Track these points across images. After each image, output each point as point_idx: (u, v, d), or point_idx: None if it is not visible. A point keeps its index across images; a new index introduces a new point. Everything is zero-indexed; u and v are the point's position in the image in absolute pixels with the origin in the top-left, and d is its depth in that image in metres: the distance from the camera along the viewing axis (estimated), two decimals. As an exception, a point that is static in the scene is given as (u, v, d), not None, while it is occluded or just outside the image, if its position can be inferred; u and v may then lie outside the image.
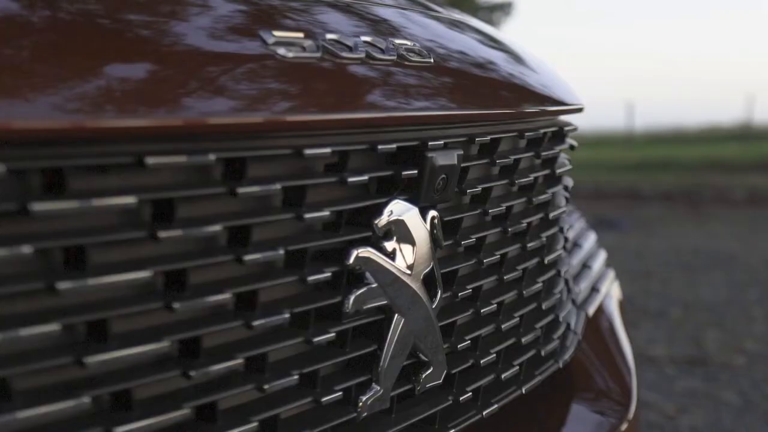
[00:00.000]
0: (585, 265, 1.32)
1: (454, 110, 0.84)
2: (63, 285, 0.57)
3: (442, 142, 0.83)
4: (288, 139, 0.70)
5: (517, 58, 1.08)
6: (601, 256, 1.43)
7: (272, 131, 0.68)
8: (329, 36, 0.79)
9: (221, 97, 0.64)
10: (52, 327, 0.56)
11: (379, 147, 0.76)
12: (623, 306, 1.42)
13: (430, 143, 0.81)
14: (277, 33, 0.74)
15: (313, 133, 0.71)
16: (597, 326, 1.26)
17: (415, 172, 0.80)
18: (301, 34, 0.76)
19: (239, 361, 0.67)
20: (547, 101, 1.01)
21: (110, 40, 0.61)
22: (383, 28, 0.90)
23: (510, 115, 0.93)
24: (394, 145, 0.78)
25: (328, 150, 0.72)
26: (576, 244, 1.33)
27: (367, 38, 0.83)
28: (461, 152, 0.85)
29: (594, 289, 1.32)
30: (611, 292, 1.40)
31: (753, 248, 6.90)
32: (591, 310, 1.26)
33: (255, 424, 0.68)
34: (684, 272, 5.81)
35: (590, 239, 1.41)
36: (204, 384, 0.66)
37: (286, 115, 0.68)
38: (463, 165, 0.86)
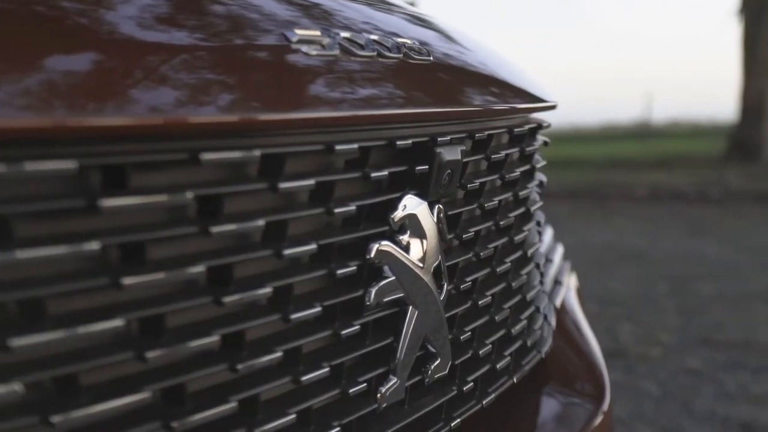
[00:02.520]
0: (547, 258, 1.38)
1: (458, 107, 0.88)
2: (127, 281, 0.58)
3: (448, 138, 0.87)
4: (321, 135, 0.72)
5: (496, 58, 1.13)
6: (560, 250, 1.50)
7: (307, 127, 0.71)
8: (342, 34, 0.81)
9: (260, 94, 0.67)
10: (117, 323, 0.58)
11: (398, 143, 0.80)
12: (581, 298, 1.49)
13: (438, 139, 0.85)
14: (299, 31, 0.76)
15: (341, 129, 0.74)
16: (563, 318, 1.32)
17: (426, 167, 0.84)
18: (317, 32, 0.79)
19: (279, 354, 0.69)
20: (530, 98, 1.07)
21: (164, 42, 0.63)
22: (380, 26, 0.93)
23: (503, 111, 0.98)
24: (410, 141, 0.81)
25: (355, 146, 0.75)
26: (538, 238, 1.39)
27: (374, 36, 0.86)
28: (464, 148, 0.90)
29: (557, 282, 1.39)
30: (570, 284, 1.46)
31: (658, 243, 7.21)
32: (558, 302, 1.32)
33: (293, 416, 0.70)
34: (595, 268, 6.02)
35: (548, 233, 1.47)
36: (247, 377, 0.68)
37: (321, 111, 0.70)
38: (464, 160, 0.90)
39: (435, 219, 0.87)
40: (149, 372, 0.61)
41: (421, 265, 0.85)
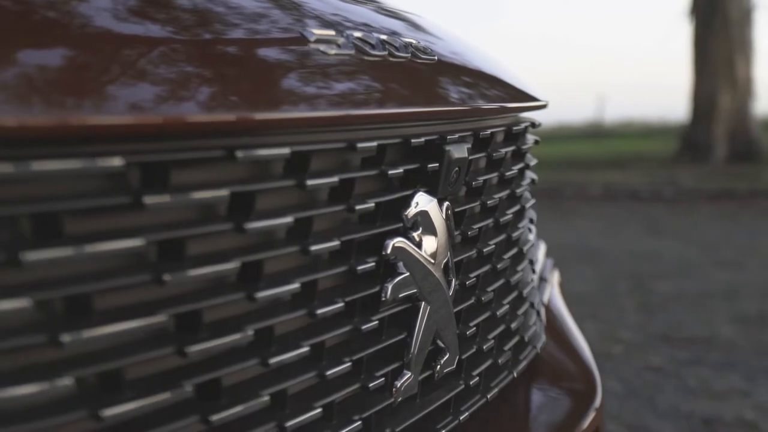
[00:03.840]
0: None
1: (465, 105, 0.91)
2: (168, 277, 0.59)
3: (457, 135, 0.89)
4: (343, 133, 0.74)
5: (489, 58, 1.16)
6: (542, 247, 1.53)
7: (332, 125, 0.73)
8: (354, 33, 0.83)
9: (286, 93, 0.68)
10: (159, 319, 0.59)
11: (412, 141, 0.82)
12: (565, 294, 1.52)
13: (448, 137, 0.88)
14: (315, 31, 0.78)
15: (362, 127, 0.76)
16: (550, 315, 1.36)
17: (437, 164, 0.86)
18: (332, 32, 0.80)
19: (306, 349, 0.71)
20: (525, 97, 1.10)
21: (199, 45, 0.64)
22: (384, 25, 0.96)
23: (504, 110, 1.01)
24: (422, 139, 0.83)
25: (375, 144, 0.77)
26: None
27: (383, 36, 0.88)
28: (470, 145, 0.92)
29: (542, 279, 1.42)
30: (554, 281, 1.50)
31: (615, 241, 7.34)
32: (545, 298, 1.35)
33: (319, 410, 0.72)
34: (555, 266, 6.10)
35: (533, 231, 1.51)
36: (277, 372, 0.70)
37: (345, 110, 0.72)
38: (470, 158, 0.93)
39: (444, 216, 0.89)
40: (188, 367, 0.62)
41: (432, 261, 0.87)
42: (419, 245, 0.85)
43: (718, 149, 13.84)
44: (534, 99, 1.12)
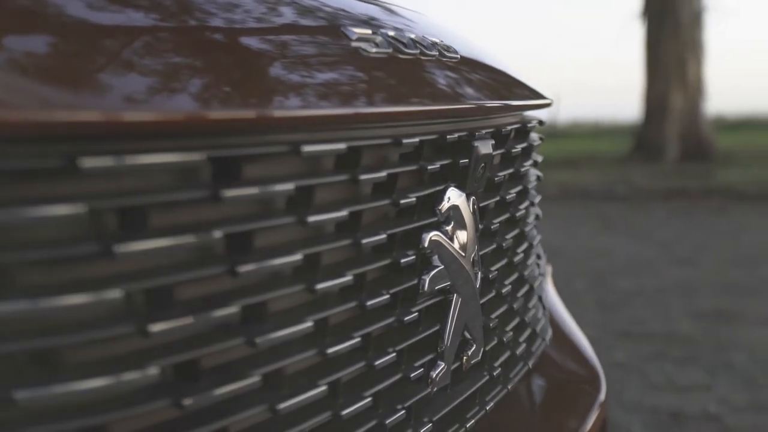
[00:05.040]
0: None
1: (491, 102, 0.94)
2: (243, 268, 0.61)
3: (484, 132, 0.92)
4: (390, 129, 0.76)
5: (497, 57, 1.19)
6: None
7: (382, 122, 0.75)
8: (389, 32, 0.86)
9: (340, 91, 0.71)
10: (232, 309, 0.61)
11: (448, 137, 0.84)
12: (557, 287, 1.56)
13: (476, 134, 0.90)
14: (356, 30, 0.80)
15: (406, 123, 0.78)
16: (549, 308, 1.39)
17: (467, 160, 0.89)
18: (369, 31, 0.83)
19: (357, 339, 0.73)
20: (535, 95, 1.13)
21: (262, 47, 0.66)
22: (407, 24, 0.98)
23: (520, 107, 1.04)
24: (456, 135, 0.86)
25: (417, 140, 0.79)
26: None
27: (412, 35, 0.90)
28: (494, 142, 0.95)
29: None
30: (548, 275, 1.54)
31: (573, 240, 7.45)
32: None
33: (369, 399, 0.74)
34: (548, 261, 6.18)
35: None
36: (332, 360, 0.71)
37: (393, 106, 0.75)
38: (494, 153, 0.96)
39: (471, 210, 0.92)
40: (255, 356, 0.64)
41: (462, 254, 0.89)
42: (451, 239, 0.88)
43: (671, 149, 14.11)
44: (543, 96, 1.15)
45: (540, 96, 1.15)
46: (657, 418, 3.35)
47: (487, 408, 0.94)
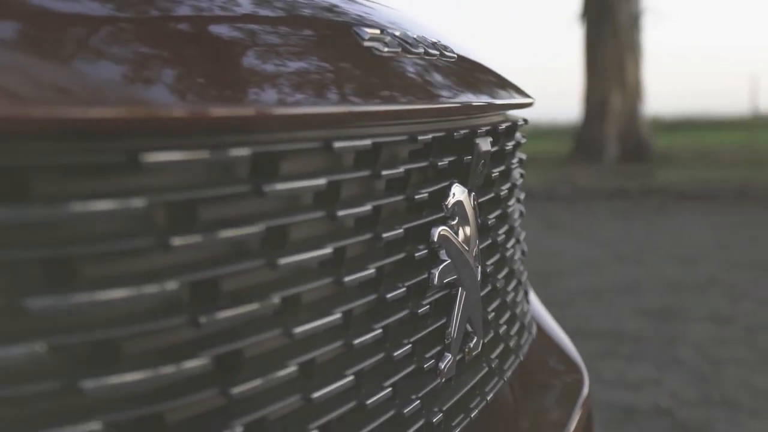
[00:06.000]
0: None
1: (491, 100, 0.97)
2: (283, 261, 0.63)
3: (483, 129, 0.95)
4: (407, 126, 0.79)
5: (482, 56, 1.22)
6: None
7: (402, 119, 0.77)
8: (395, 32, 0.88)
9: (364, 89, 0.73)
10: (274, 300, 0.63)
11: (455, 134, 0.87)
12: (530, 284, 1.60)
13: (478, 131, 0.93)
14: (368, 30, 0.82)
15: (419, 120, 0.81)
16: (527, 303, 1.43)
17: (470, 157, 0.92)
18: (378, 31, 0.85)
19: (379, 331, 0.75)
20: (522, 94, 1.17)
21: (296, 48, 0.68)
22: (407, 25, 1.01)
23: (512, 105, 1.07)
24: (462, 132, 0.89)
25: (430, 137, 0.82)
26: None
27: (414, 35, 0.93)
28: (492, 139, 0.98)
29: (515, 270, 1.49)
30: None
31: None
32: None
33: (389, 389, 0.77)
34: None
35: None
36: (358, 352, 0.74)
37: (411, 104, 0.77)
38: (492, 150, 0.99)
39: (473, 206, 0.95)
40: (290, 346, 0.66)
41: (466, 248, 0.92)
42: (456, 234, 0.91)
43: (610, 149, 14.41)
44: (528, 95, 1.19)
45: (526, 95, 1.19)
46: (611, 413, 3.43)
47: (488, 399, 0.97)
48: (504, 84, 1.12)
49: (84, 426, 0.51)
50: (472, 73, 1.00)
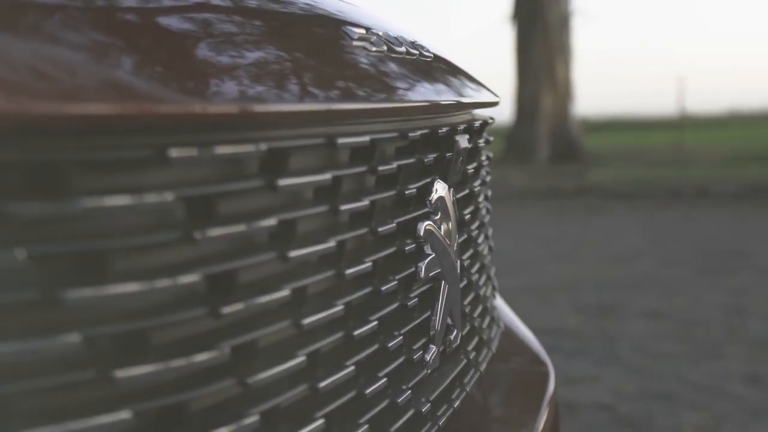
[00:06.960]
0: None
1: (468, 99, 1.01)
2: (293, 254, 0.65)
3: (462, 126, 0.99)
4: (398, 123, 0.82)
5: (449, 57, 1.26)
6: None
7: (395, 116, 0.80)
8: (378, 32, 0.91)
9: (360, 87, 0.76)
10: (283, 293, 0.65)
11: (439, 131, 0.91)
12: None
13: (457, 128, 0.97)
14: (355, 30, 0.85)
15: (411, 117, 0.84)
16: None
17: (451, 153, 0.95)
18: (364, 30, 0.88)
19: (374, 324, 0.78)
20: (489, 93, 1.20)
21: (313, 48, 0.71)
22: (386, 24, 1.03)
23: (483, 104, 1.11)
24: (445, 129, 0.92)
25: (418, 133, 0.85)
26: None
27: (396, 35, 0.96)
28: (468, 136, 1.02)
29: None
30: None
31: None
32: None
33: (384, 380, 0.79)
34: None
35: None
36: (357, 344, 0.76)
37: (403, 102, 0.80)
38: (468, 147, 1.02)
39: (452, 201, 0.98)
40: (299, 336, 0.68)
41: (448, 242, 0.96)
42: (439, 228, 0.94)
43: (542, 149, 14.67)
44: (495, 94, 1.23)
45: (493, 94, 1.23)
46: (554, 409, 3.51)
47: (467, 389, 1.01)
48: (475, 83, 1.16)
49: (116, 415, 0.52)
50: (448, 72, 1.04)
